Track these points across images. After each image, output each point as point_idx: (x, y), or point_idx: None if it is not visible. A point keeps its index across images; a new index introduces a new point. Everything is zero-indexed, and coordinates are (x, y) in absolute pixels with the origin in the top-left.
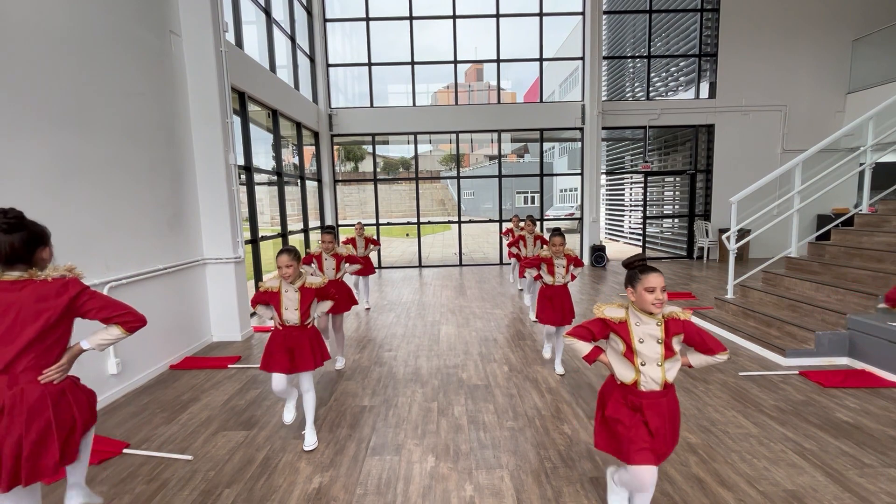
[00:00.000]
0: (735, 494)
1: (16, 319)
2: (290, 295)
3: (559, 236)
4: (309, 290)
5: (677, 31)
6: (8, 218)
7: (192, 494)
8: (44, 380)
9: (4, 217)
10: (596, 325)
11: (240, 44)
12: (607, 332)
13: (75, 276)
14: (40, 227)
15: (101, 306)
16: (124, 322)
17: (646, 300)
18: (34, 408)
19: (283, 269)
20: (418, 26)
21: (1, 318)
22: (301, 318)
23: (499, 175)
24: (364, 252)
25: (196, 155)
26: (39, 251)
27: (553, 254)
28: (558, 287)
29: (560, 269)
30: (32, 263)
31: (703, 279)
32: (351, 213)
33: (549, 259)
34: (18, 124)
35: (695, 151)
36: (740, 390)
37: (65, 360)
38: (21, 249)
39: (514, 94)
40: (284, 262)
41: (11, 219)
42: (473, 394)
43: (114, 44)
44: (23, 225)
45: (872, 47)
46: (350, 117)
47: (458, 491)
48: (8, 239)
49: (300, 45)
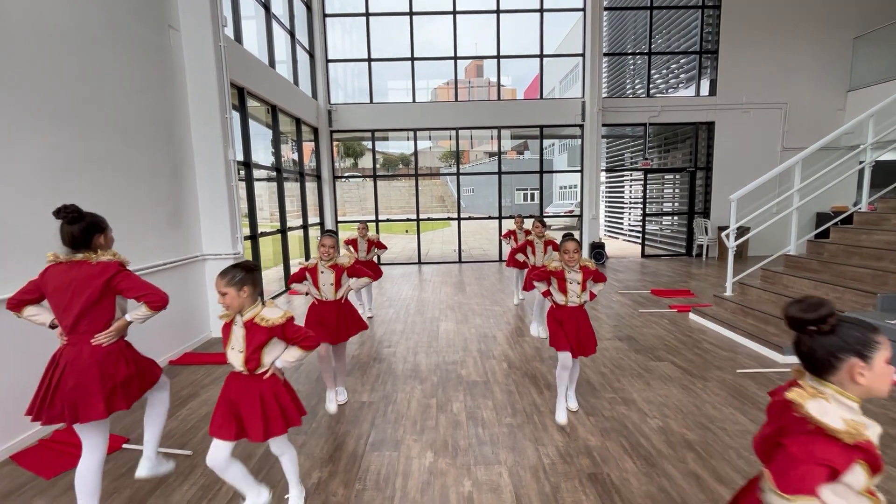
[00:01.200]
0: (732, 490)
1: (74, 292)
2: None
3: (572, 241)
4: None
5: (678, 27)
6: (69, 212)
7: (192, 489)
8: (94, 342)
9: (66, 211)
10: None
11: (239, 39)
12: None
13: (118, 260)
14: (97, 218)
15: (131, 287)
16: (149, 301)
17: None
18: (85, 363)
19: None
20: (418, 22)
21: (66, 290)
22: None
23: (498, 172)
24: (367, 256)
25: (195, 151)
26: (96, 238)
27: (565, 264)
28: (572, 309)
29: (574, 287)
30: (92, 248)
31: (702, 277)
32: (350, 210)
33: (560, 273)
34: (16, 121)
35: (695, 149)
36: (738, 387)
37: (112, 328)
38: (80, 237)
39: (514, 91)
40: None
41: (72, 212)
42: (472, 390)
43: (111, 39)
44: (81, 217)
45: (874, 45)
46: (349, 113)
47: (457, 486)
48: (70, 229)
49: (300, 40)
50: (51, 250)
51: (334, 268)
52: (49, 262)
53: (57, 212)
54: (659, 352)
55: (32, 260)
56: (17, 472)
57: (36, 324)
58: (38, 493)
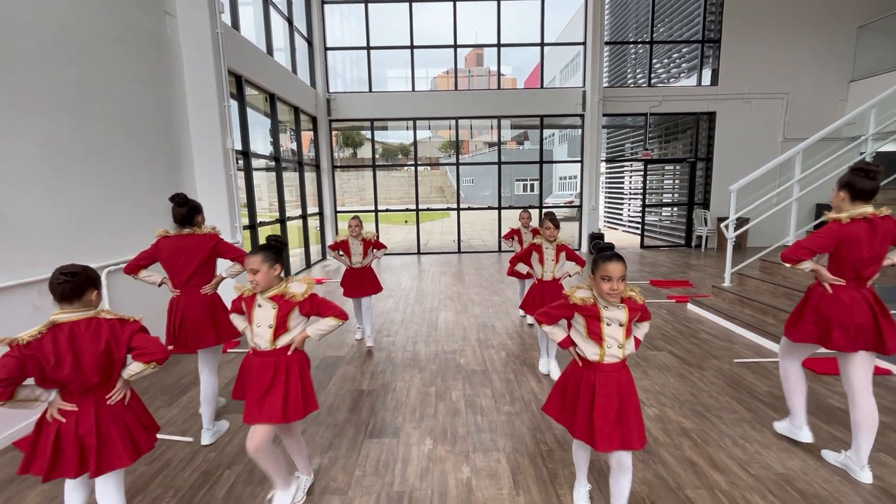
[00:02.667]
0: (727, 477)
1: (188, 256)
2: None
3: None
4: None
5: (680, 16)
6: (179, 198)
7: (194, 475)
8: (203, 292)
9: (178, 197)
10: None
11: (236, 26)
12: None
13: (215, 232)
14: (198, 203)
15: (229, 249)
16: (241, 259)
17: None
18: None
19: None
20: (418, 9)
21: (181, 255)
22: None
23: (498, 162)
24: (363, 261)
25: (193, 139)
26: (197, 217)
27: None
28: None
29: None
30: (195, 224)
31: (701, 267)
32: (350, 200)
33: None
34: (12, 110)
35: (695, 139)
36: (735, 376)
37: (213, 282)
38: (187, 216)
39: (514, 80)
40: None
41: (181, 198)
42: (471, 379)
43: (107, 25)
44: (187, 202)
45: (878, 34)
46: (348, 102)
47: (456, 472)
48: (180, 210)
49: (298, 27)
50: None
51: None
52: (159, 235)
53: (172, 198)
54: (657, 341)
55: (29, 249)
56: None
57: (148, 283)
58: None
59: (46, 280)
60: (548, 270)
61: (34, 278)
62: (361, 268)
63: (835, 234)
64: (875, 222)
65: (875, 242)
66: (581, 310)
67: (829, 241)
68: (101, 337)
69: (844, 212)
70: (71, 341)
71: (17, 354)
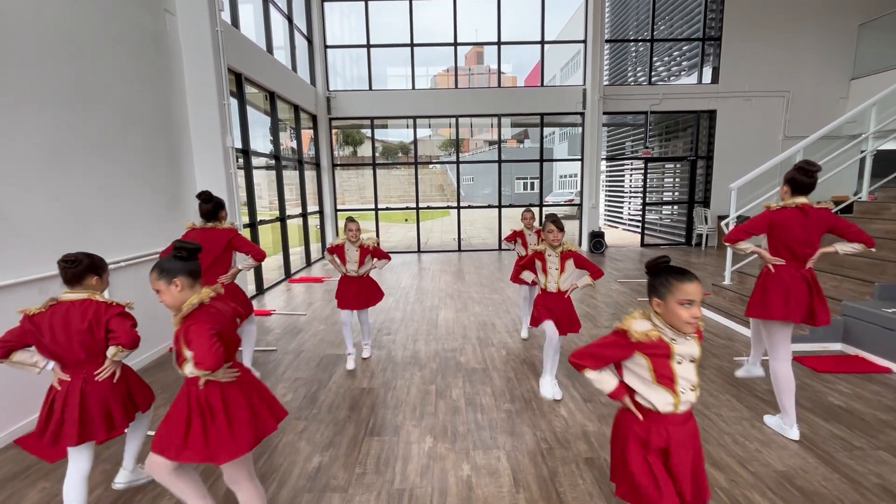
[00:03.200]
0: (727, 475)
1: (209, 247)
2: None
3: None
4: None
5: (681, 13)
6: (205, 195)
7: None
8: (220, 281)
9: (203, 194)
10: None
11: (236, 24)
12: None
13: (234, 227)
14: (221, 200)
15: (244, 244)
16: (255, 255)
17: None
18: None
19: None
20: (418, 7)
21: (206, 246)
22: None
23: (498, 160)
24: (359, 270)
25: (193, 137)
26: (221, 213)
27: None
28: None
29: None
30: (218, 219)
31: (702, 266)
32: (350, 199)
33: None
34: (12, 107)
35: (696, 137)
36: (734, 375)
37: (231, 272)
38: (212, 212)
39: (514, 78)
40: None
41: (206, 195)
42: (471, 377)
43: (107, 24)
44: (212, 199)
45: (879, 32)
46: (348, 100)
47: (456, 470)
48: (206, 206)
49: (297, 25)
50: (47, 235)
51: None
52: (188, 227)
53: (198, 195)
54: None
55: (30, 247)
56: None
57: None
58: (42, 477)
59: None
60: (552, 281)
61: (35, 276)
62: (358, 277)
63: (765, 219)
64: (808, 210)
65: (809, 227)
66: (645, 348)
67: (761, 225)
68: (86, 317)
69: (783, 202)
70: (64, 318)
71: (23, 324)
